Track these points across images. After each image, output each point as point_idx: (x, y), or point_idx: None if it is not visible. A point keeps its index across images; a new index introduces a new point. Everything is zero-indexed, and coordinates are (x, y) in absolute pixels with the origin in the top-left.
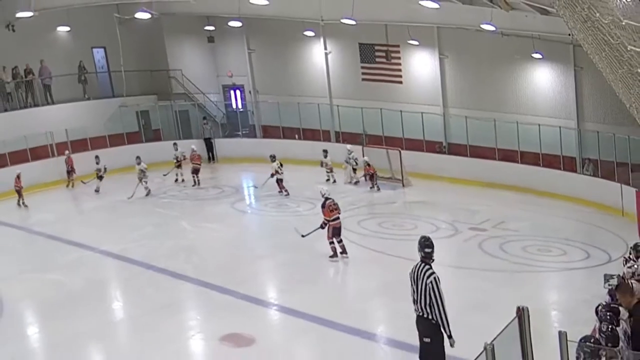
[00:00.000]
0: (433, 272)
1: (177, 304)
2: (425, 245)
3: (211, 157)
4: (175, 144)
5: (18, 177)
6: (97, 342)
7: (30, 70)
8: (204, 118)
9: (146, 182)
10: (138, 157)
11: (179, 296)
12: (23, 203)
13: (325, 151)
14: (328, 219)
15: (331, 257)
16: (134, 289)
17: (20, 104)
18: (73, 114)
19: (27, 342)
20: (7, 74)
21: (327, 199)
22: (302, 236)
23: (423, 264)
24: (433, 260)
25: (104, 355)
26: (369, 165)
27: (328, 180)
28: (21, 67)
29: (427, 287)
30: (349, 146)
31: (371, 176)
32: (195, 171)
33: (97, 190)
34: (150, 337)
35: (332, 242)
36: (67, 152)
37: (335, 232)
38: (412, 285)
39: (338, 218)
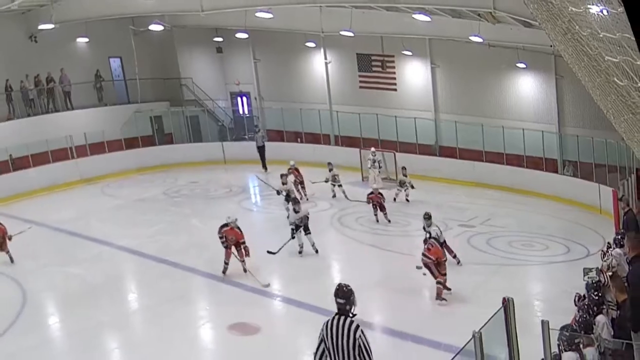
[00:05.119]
0: (359, 325)
1: (188, 295)
2: (336, 294)
3: (263, 165)
4: (329, 163)
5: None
6: (116, 331)
7: (52, 78)
8: (256, 126)
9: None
10: (330, 163)
11: (190, 288)
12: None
13: (329, 164)
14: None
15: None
16: (149, 282)
17: (42, 109)
18: (91, 119)
19: (49, 330)
20: (29, 81)
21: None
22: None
23: (343, 317)
24: (354, 315)
25: (122, 343)
26: (379, 194)
27: (334, 196)
28: (43, 75)
29: (357, 343)
30: (372, 149)
31: (379, 206)
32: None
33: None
34: (164, 326)
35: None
36: None
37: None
38: (327, 343)
39: (424, 256)
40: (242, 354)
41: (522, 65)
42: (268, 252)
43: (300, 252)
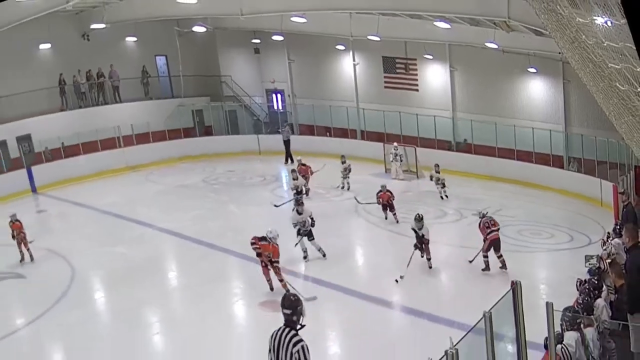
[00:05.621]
0: (301, 340)
1: (224, 275)
2: (282, 305)
3: (288, 159)
4: (343, 156)
5: (13, 221)
6: (157, 308)
7: (102, 74)
8: (285, 121)
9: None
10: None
11: (226, 268)
12: (30, 255)
13: (343, 157)
14: (484, 236)
15: (483, 269)
16: (189, 262)
17: (93, 102)
18: (138, 111)
19: (95, 306)
20: (81, 76)
21: (483, 216)
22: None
23: (287, 329)
24: (300, 327)
25: (164, 318)
26: (388, 191)
27: (342, 187)
28: (94, 71)
29: (293, 358)
30: (395, 144)
31: (389, 206)
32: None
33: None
34: (203, 303)
35: (486, 256)
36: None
37: (493, 246)
38: (271, 354)
39: (494, 232)
40: (273, 328)
41: (532, 70)
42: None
43: (305, 258)
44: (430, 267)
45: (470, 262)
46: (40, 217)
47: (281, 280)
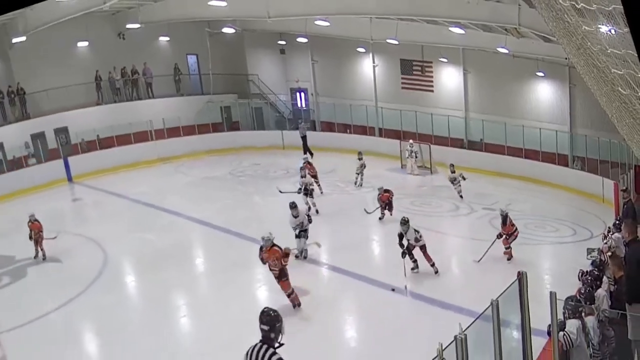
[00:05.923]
0: (280, 359)
1: (248, 262)
2: (260, 320)
3: (306, 153)
4: (360, 153)
5: (32, 221)
6: (185, 292)
7: (136, 71)
8: (300, 119)
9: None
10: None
11: (249, 256)
12: (43, 254)
13: (360, 153)
14: (508, 232)
15: (509, 259)
16: (216, 250)
17: (127, 97)
18: (169, 106)
19: (126, 290)
20: (117, 73)
21: (507, 214)
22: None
23: (265, 346)
24: (278, 345)
25: (190, 302)
26: (386, 191)
27: (356, 183)
28: (128, 68)
29: None
30: (411, 141)
31: (388, 205)
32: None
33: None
34: (227, 288)
35: (508, 248)
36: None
37: (513, 241)
38: None
39: (517, 229)
40: (293, 313)
41: (540, 74)
42: (296, 257)
43: (297, 257)
44: (437, 272)
45: (478, 261)
46: (75, 205)
47: (289, 295)
